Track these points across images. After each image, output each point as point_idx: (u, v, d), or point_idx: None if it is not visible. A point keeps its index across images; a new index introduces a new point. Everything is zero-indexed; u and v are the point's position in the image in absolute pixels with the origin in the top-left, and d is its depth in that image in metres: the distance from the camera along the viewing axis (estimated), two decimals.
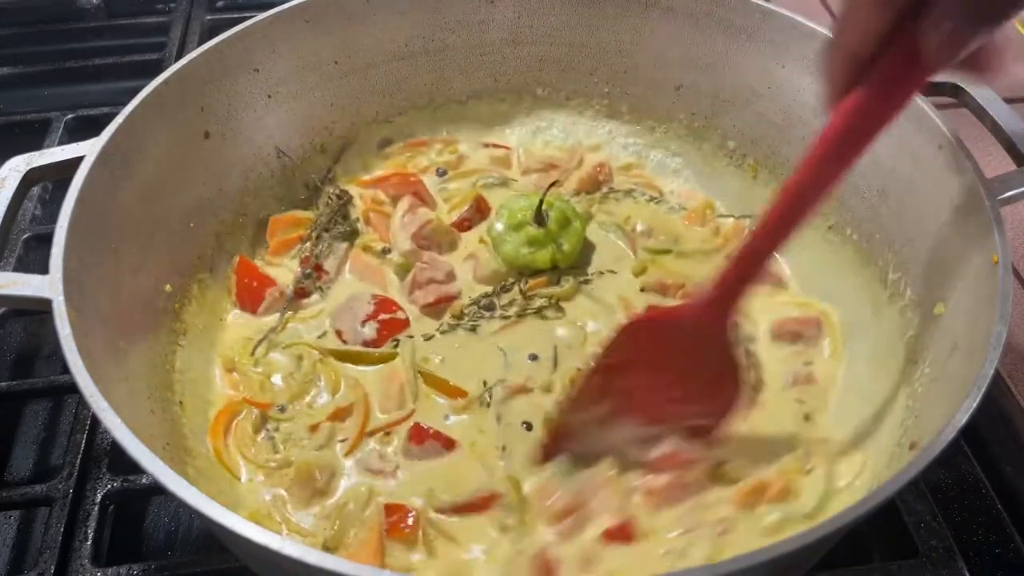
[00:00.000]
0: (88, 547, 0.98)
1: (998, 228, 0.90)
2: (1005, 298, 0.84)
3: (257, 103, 1.24)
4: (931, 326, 0.99)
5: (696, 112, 1.37)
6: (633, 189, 1.34)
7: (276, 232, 1.25)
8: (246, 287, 1.18)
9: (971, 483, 1.07)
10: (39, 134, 1.52)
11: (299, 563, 0.67)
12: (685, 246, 1.26)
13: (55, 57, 1.75)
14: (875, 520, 0.76)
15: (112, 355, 0.92)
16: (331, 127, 1.34)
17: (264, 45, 1.22)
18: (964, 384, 0.79)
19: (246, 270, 1.20)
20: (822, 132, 0.83)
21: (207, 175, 1.19)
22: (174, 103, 1.11)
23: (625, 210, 1.31)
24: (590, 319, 1.16)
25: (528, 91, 1.43)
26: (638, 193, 1.34)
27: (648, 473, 0.97)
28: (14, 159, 0.99)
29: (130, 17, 1.86)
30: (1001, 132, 1.02)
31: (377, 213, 1.27)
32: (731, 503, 0.95)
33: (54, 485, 1.03)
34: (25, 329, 1.30)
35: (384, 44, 1.34)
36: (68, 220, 0.91)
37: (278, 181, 1.30)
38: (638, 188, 1.34)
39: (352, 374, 1.09)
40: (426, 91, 1.40)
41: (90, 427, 1.09)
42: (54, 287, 0.85)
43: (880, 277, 1.13)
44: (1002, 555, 1.01)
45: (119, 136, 1.01)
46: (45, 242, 0.91)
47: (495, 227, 1.22)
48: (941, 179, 1.01)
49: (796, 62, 1.21)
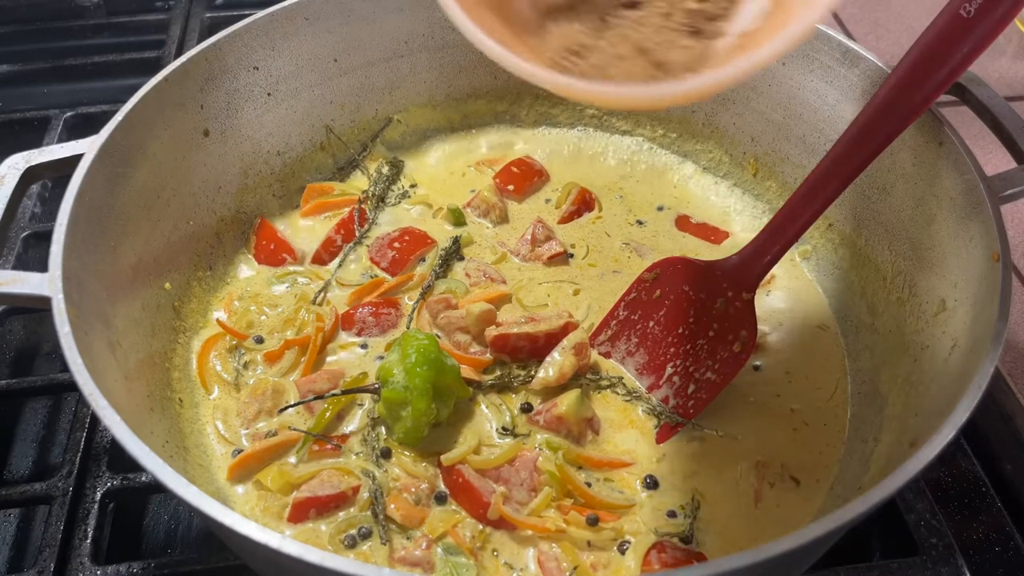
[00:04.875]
0: (88, 545, 0.98)
1: (998, 226, 0.90)
2: (1005, 296, 0.84)
3: (257, 101, 1.24)
4: (931, 324, 0.99)
5: (696, 110, 1.37)
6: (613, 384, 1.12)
7: (311, 197, 1.33)
8: (264, 248, 1.26)
9: (971, 481, 1.07)
10: (38, 132, 1.52)
11: (298, 561, 0.67)
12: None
13: (54, 55, 1.75)
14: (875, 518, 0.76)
15: (111, 353, 0.92)
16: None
17: (264, 43, 1.22)
18: (964, 382, 0.79)
19: (266, 233, 1.27)
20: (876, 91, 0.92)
21: (206, 173, 1.19)
22: (173, 101, 1.11)
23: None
24: None
25: (528, 90, 1.43)
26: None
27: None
28: (13, 157, 0.99)
29: (129, 15, 1.86)
30: (1002, 130, 1.02)
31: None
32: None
33: (54, 483, 1.03)
34: (24, 327, 1.30)
35: (384, 42, 1.34)
36: (67, 218, 0.91)
37: (277, 179, 1.31)
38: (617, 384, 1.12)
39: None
40: (426, 89, 1.40)
41: (89, 425, 1.09)
42: (53, 285, 0.85)
43: (880, 275, 1.13)
44: (1002, 553, 1.01)
45: (118, 134, 1.01)
46: (44, 240, 0.91)
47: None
48: (942, 176, 1.01)
49: (797, 60, 1.21)
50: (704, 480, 1.01)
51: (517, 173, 1.37)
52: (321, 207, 1.32)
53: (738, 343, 1.05)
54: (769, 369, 1.13)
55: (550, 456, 1.00)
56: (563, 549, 0.94)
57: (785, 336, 1.17)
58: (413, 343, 1.01)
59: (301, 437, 1.02)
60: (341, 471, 1.00)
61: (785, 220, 1.03)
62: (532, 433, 1.04)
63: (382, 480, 0.99)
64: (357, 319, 1.16)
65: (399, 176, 1.39)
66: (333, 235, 1.27)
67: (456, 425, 1.05)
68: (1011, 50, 1.87)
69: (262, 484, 0.98)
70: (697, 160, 1.40)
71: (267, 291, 1.21)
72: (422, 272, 1.23)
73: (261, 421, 1.05)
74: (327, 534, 0.95)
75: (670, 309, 1.12)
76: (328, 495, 0.96)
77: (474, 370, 1.09)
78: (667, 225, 1.33)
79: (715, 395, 1.04)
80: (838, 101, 1.17)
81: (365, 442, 1.03)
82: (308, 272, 1.24)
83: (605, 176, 1.41)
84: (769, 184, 1.32)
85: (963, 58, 0.88)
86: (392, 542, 0.94)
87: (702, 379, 1.06)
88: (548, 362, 1.08)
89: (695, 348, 1.08)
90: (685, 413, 1.05)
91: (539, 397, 1.08)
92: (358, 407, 1.07)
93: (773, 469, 1.02)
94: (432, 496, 0.99)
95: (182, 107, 1.13)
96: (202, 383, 1.10)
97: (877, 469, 0.92)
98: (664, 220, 1.33)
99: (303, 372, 1.10)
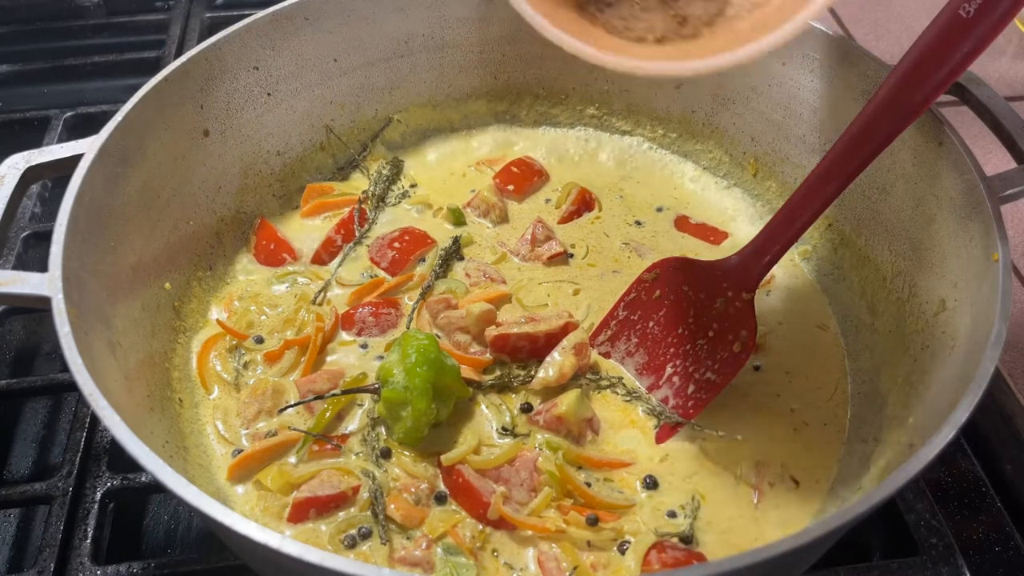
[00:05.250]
0: (88, 545, 0.98)
1: (998, 226, 0.90)
2: (1005, 296, 0.84)
3: (257, 101, 1.25)
4: (931, 324, 0.99)
5: (696, 110, 1.38)
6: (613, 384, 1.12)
7: (311, 197, 1.33)
8: (264, 248, 1.26)
9: (971, 481, 1.07)
10: (38, 132, 1.52)
11: (298, 561, 0.67)
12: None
13: (54, 55, 1.75)
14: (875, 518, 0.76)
15: (111, 353, 0.92)
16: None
17: (264, 43, 1.22)
18: (964, 382, 0.79)
19: (266, 233, 1.27)
20: (876, 91, 0.93)
21: (206, 173, 1.19)
22: (173, 101, 1.11)
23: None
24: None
25: (528, 90, 1.44)
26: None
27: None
28: (13, 157, 0.99)
29: (129, 15, 1.86)
30: (1002, 130, 1.02)
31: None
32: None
33: (54, 483, 1.03)
34: (24, 327, 1.30)
35: (383, 42, 1.34)
36: (67, 218, 0.91)
37: (277, 179, 1.31)
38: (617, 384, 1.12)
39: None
40: (426, 89, 1.40)
41: (89, 425, 1.09)
42: (53, 285, 0.85)
43: (880, 275, 1.13)
44: (1002, 553, 1.01)
45: (118, 134, 1.01)
46: (44, 240, 0.91)
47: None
48: (942, 176, 1.00)
49: (797, 60, 1.21)
50: (704, 480, 1.01)
51: (517, 173, 1.37)
52: (321, 207, 1.32)
53: (738, 343, 1.05)
54: (769, 369, 1.13)
55: (550, 456, 1.00)
56: (563, 549, 0.94)
57: (785, 336, 1.17)
58: (413, 343, 1.01)
59: (301, 437, 1.02)
60: (341, 471, 1.00)
61: (785, 220, 1.03)
62: (532, 433, 1.04)
63: (382, 480, 0.99)
64: (357, 319, 1.16)
65: (399, 176, 1.39)
66: (333, 235, 1.27)
67: (456, 425, 1.05)
68: (1011, 50, 1.87)
69: (262, 484, 0.98)
70: (697, 160, 1.40)
71: (267, 291, 1.21)
72: (422, 272, 1.23)
73: (261, 421, 1.05)
74: (327, 534, 0.95)
75: (670, 309, 1.12)
76: (328, 495, 0.96)
77: (474, 370, 1.09)
78: (667, 225, 1.33)
79: (715, 395, 1.04)
80: (838, 101, 1.17)
81: (365, 442, 1.03)
82: (308, 272, 1.24)
83: (605, 176, 1.41)
84: (769, 184, 1.32)
85: (963, 58, 0.88)
86: (392, 542, 0.94)
87: (702, 379, 1.06)
88: (548, 362, 1.08)
89: (695, 348, 1.08)
90: (685, 413, 1.05)
91: (539, 397, 1.08)
92: (358, 407, 1.07)
93: (773, 469, 1.02)
94: (432, 496, 0.99)
95: (182, 107, 1.13)
96: (202, 383, 1.10)
97: (877, 469, 0.92)
98: (664, 220, 1.33)
99: (303, 372, 1.10)
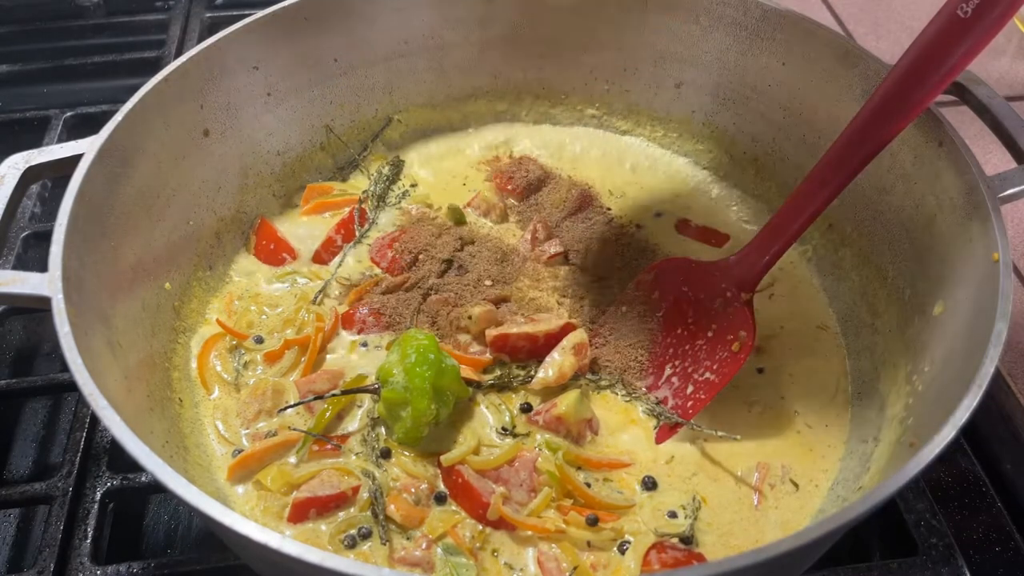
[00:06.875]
0: (87, 545, 0.98)
1: (998, 226, 0.90)
2: (1005, 296, 0.84)
3: (257, 101, 1.24)
4: (931, 324, 0.99)
5: (696, 110, 1.37)
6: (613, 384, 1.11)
7: (311, 197, 1.33)
8: (264, 248, 1.26)
9: (971, 481, 1.07)
10: (38, 132, 1.52)
11: (298, 561, 0.67)
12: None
13: (54, 55, 1.75)
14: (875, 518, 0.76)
15: (111, 353, 0.92)
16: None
17: (264, 42, 1.22)
18: (964, 382, 0.79)
19: (266, 232, 1.27)
20: (874, 90, 0.94)
21: (206, 173, 1.19)
22: (173, 101, 1.11)
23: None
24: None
25: (528, 90, 1.44)
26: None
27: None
28: (13, 156, 0.99)
29: (129, 15, 1.86)
30: (1002, 129, 1.02)
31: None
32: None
33: (53, 483, 1.03)
34: (24, 327, 1.30)
35: (383, 41, 1.34)
36: (67, 218, 0.91)
37: (277, 179, 1.31)
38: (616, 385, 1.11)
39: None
40: (426, 89, 1.40)
41: (89, 425, 1.09)
42: (53, 285, 0.85)
43: (880, 275, 1.13)
44: (1002, 553, 1.01)
45: (118, 134, 1.01)
46: (44, 240, 0.91)
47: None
48: (942, 176, 1.00)
49: (797, 60, 1.21)
50: (704, 481, 1.01)
51: (517, 173, 1.37)
52: (321, 207, 1.32)
53: (737, 343, 1.05)
54: (770, 370, 1.13)
55: (550, 456, 1.00)
56: (563, 549, 0.94)
57: (786, 337, 1.17)
58: (413, 343, 1.01)
59: (301, 437, 1.02)
60: (341, 471, 1.00)
61: (785, 220, 1.03)
62: (532, 433, 1.04)
63: (382, 480, 0.99)
64: (357, 319, 1.16)
65: (399, 176, 1.39)
66: (333, 235, 1.27)
67: (456, 425, 1.05)
68: (1011, 50, 1.87)
69: (262, 484, 0.98)
70: (697, 160, 1.40)
71: (267, 291, 1.21)
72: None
73: (261, 421, 1.05)
74: (327, 534, 0.95)
75: (669, 310, 1.12)
76: (328, 495, 0.96)
77: (474, 370, 1.09)
78: (667, 226, 1.32)
79: (714, 395, 1.04)
80: (838, 101, 1.17)
81: (365, 442, 1.03)
82: (308, 272, 1.24)
83: (605, 176, 1.41)
84: (769, 184, 1.32)
85: (961, 57, 0.88)
86: (392, 542, 0.94)
87: (701, 380, 1.06)
88: (548, 362, 1.08)
89: (694, 349, 1.08)
90: (684, 413, 1.05)
91: (539, 397, 1.08)
92: (358, 407, 1.07)
93: (773, 470, 1.02)
94: (432, 496, 0.99)
95: (182, 107, 1.13)
96: (202, 383, 1.10)
97: (877, 469, 0.92)
98: (664, 221, 1.33)
99: (303, 372, 1.10)
